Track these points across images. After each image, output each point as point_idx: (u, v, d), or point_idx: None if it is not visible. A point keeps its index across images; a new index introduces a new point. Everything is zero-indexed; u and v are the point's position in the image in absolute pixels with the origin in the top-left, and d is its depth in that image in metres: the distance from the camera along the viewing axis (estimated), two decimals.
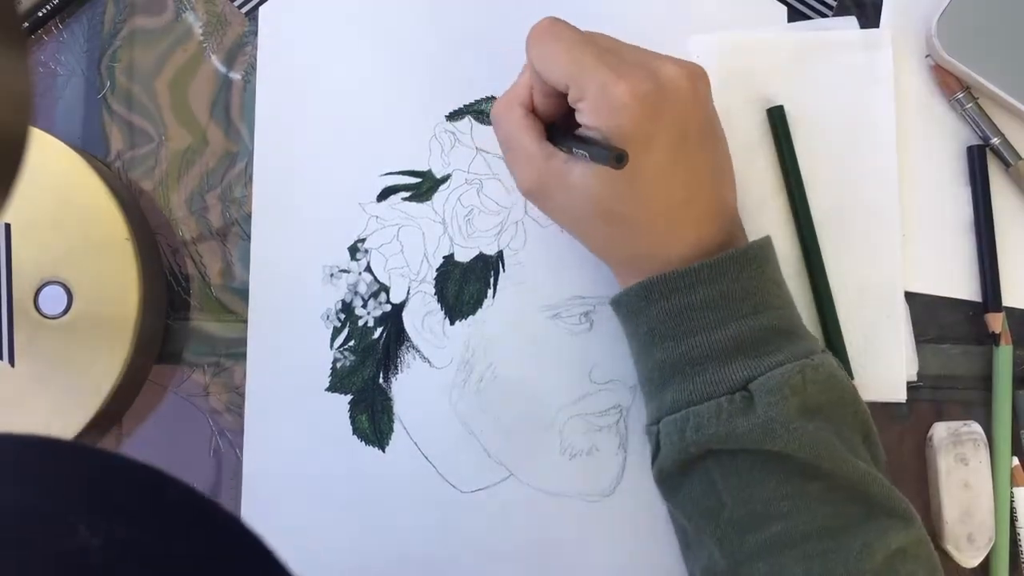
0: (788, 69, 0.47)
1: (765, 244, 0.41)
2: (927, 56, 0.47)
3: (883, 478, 0.39)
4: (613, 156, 0.35)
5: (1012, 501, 0.45)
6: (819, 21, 0.48)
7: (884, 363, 0.45)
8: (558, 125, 0.42)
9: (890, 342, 0.45)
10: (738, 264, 0.39)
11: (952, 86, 0.46)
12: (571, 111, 0.40)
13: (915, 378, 0.46)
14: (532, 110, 0.42)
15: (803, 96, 0.47)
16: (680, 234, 0.40)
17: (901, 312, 0.46)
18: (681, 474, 0.40)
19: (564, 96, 0.40)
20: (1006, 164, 0.46)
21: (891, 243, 0.46)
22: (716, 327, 0.39)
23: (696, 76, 0.40)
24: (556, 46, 0.39)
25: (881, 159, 0.46)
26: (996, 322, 0.46)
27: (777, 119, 0.46)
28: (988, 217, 0.46)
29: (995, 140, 0.46)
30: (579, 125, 0.40)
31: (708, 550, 0.40)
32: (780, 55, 0.47)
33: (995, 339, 0.46)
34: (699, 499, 0.40)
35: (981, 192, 0.46)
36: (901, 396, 0.45)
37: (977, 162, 0.46)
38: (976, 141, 0.47)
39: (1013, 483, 0.45)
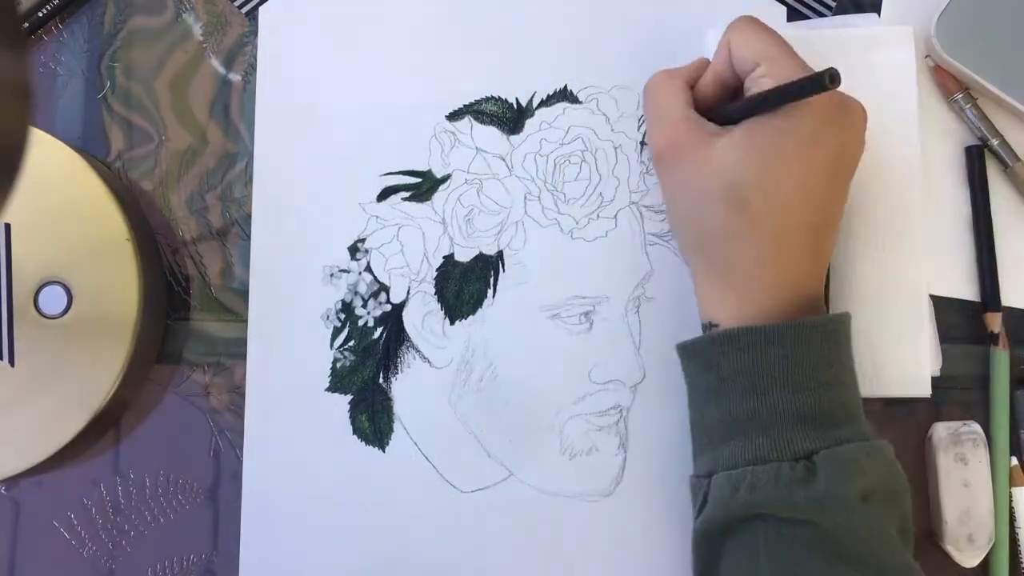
0: (808, 60, 0.46)
1: (847, 320, 0.40)
2: (927, 57, 0.47)
3: (921, 574, 0.38)
4: (826, 77, 0.34)
5: (1011, 501, 0.45)
6: (841, 18, 0.47)
7: (909, 358, 0.45)
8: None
9: (915, 337, 0.45)
10: (821, 333, 0.38)
11: (951, 87, 0.46)
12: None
13: (939, 374, 0.45)
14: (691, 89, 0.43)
15: None
16: (786, 260, 0.39)
17: (925, 308, 0.45)
18: (723, 532, 0.39)
19: (727, 88, 0.42)
20: (1004, 165, 0.46)
21: (916, 239, 0.46)
22: (789, 391, 0.38)
23: (864, 122, 0.40)
24: (760, 30, 0.41)
25: (906, 155, 0.46)
26: (995, 322, 0.46)
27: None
28: (987, 217, 0.46)
29: (994, 141, 0.46)
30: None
31: None
32: (802, 53, 0.47)
33: (994, 338, 0.46)
34: (737, 560, 0.39)
35: (980, 192, 0.46)
36: (926, 391, 0.45)
37: (976, 162, 0.46)
38: (975, 142, 0.47)
39: (1012, 483, 0.45)
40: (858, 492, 0.37)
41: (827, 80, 0.34)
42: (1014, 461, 0.45)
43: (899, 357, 0.45)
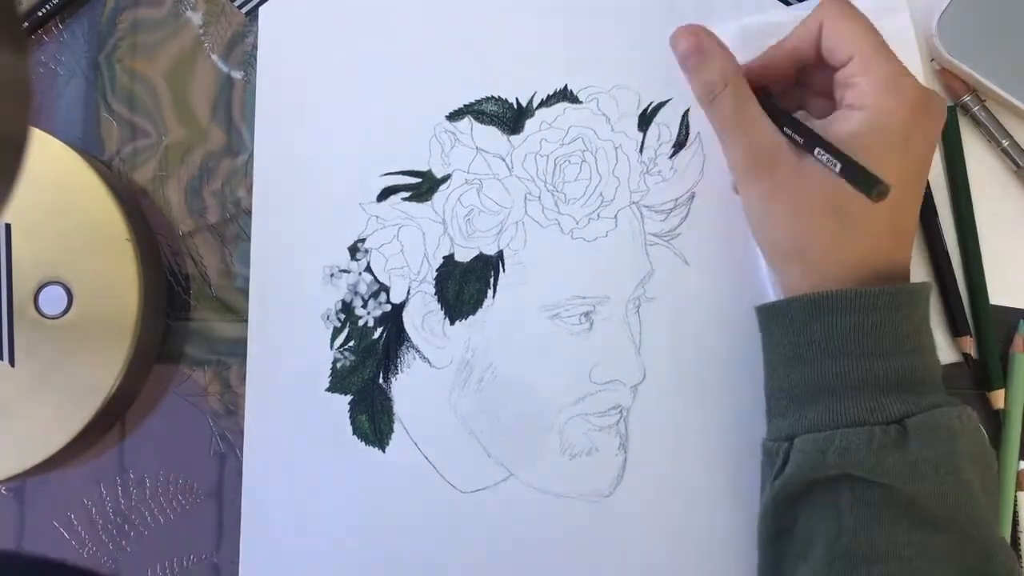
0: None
1: (928, 288, 0.41)
2: (932, 60, 0.47)
3: (1008, 547, 0.38)
4: (876, 190, 0.35)
5: (1015, 505, 0.45)
6: None
7: None
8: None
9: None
10: (912, 299, 0.39)
11: (958, 90, 0.46)
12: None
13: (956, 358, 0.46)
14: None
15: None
16: (876, 246, 0.40)
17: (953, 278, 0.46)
18: (804, 493, 0.39)
19: (792, 65, 0.42)
20: (1016, 166, 0.46)
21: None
22: (881, 356, 0.38)
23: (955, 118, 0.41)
24: (857, 19, 0.40)
25: None
26: (966, 344, 0.46)
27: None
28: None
29: (1004, 143, 0.46)
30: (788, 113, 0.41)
31: None
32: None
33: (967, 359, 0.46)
34: (815, 523, 0.39)
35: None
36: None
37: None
38: (983, 144, 0.47)
39: (1018, 487, 0.45)
40: (950, 457, 0.37)
41: (874, 193, 0.36)
42: (1022, 465, 0.45)
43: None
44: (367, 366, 0.47)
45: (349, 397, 0.47)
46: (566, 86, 0.48)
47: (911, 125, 0.39)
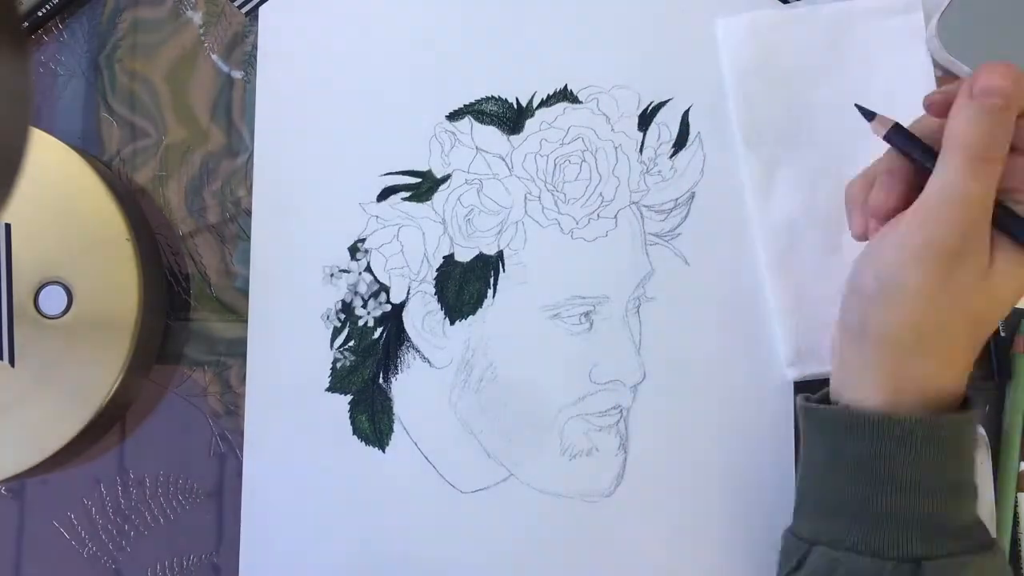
0: (822, 42, 0.46)
1: (975, 419, 0.37)
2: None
3: None
4: None
5: (1016, 506, 0.45)
6: None
7: None
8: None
9: None
10: (955, 434, 0.36)
11: None
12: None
13: None
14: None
15: (841, 67, 0.46)
16: (950, 354, 0.36)
17: None
18: None
19: (906, 192, 0.37)
20: None
21: None
22: (913, 492, 0.36)
23: None
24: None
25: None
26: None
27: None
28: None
29: None
30: None
31: None
32: (812, 29, 0.46)
33: (995, 336, 0.46)
34: None
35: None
36: None
37: None
38: None
39: (1020, 488, 0.45)
40: None
41: None
42: (1022, 466, 0.45)
43: None
44: (367, 366, 0.47)
45: (349, 397, 0.47)
46: (566, 86, 0.48)
47: None
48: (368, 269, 0.48)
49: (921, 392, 0.36)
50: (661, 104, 0.48)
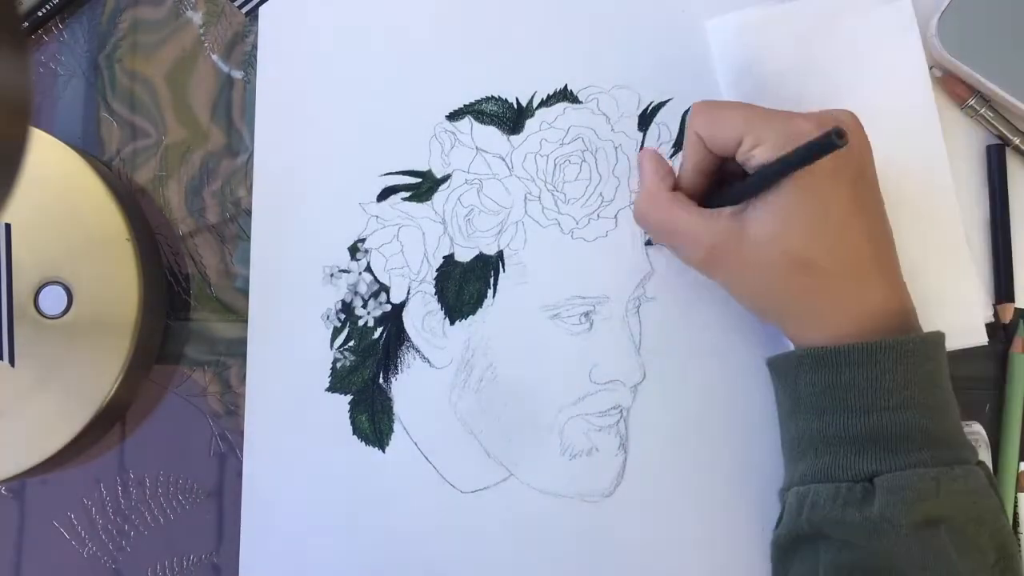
0: (812, 37, 0.46)
1: (931, 341, 0.39)
2: (932, 68, 0.46)
3: None
4: (833, 132, 0.34)
5: (1016, 506, 0.45)
6: None
7: (960, 309, 0.45)
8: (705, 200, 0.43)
9: (962, 284, 0.45)
10: (894, 354, 0.38)
11: (962, 94, 0.46)
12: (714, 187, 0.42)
13: (991, 319, 0.46)
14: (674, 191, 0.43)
15: (833, 60, 0.46)
16: (870, 289, 0.39)
17: (967, 257, 0.45)
18: (792, 548, 0.40)
19: (708, 174, 0.42)
20: None
21: (945, 188, 0.45)
22: (857, 412, 0.38)
23: (861, 124, 0.40)
24: (725, 109, 0.41)
25: (920, 104, 0.46)
26: (1007, 312, 0.45)
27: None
28: (1004, 211, 0.46)
29: (1016, 140, 0.46)
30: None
31: None
32: (800, 24, 0.46)
33: (1005, 329, 0.46)
34: None
35: (999, 191, 0.46)
36: (983, 339, 0.45)
37: (995, 161, 0.46)
38: (994, 142, 0.46)
39: (1019, 488, 0.45)
40: (919, 518, 0.36)
41: (836, 138, 0.34)
42: (1023, 466, 0.45)
43: (951, 311, 0.44)
44: (367, 366, 0.47)
45: (349, 397, 0.47)
46: (566, 86, 0.48)
47: (832, 156, 0.37)
48: (368, 269, 0.48)
49: (855, 320, 0.39)
50: (661, 104, 0.48)
